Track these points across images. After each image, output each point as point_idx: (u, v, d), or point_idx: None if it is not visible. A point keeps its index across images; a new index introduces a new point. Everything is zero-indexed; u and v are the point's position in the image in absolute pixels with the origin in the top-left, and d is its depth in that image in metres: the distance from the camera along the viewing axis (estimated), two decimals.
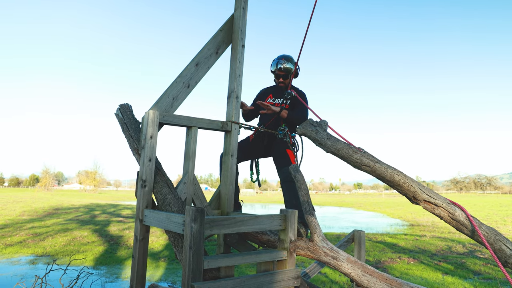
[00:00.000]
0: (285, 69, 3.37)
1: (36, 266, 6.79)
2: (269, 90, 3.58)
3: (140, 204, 2.49)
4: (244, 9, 3.07)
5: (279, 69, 3.38)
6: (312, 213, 2.67)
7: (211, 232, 2.05)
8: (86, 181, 72.08)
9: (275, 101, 3.44)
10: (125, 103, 2.98)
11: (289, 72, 3.39)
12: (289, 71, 3.38)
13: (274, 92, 3.52)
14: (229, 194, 2.91)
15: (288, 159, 3.15)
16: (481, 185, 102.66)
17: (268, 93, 3.55)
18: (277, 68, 3.38)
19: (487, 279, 6.10)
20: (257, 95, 3.63)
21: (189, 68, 2.78)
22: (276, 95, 3.47)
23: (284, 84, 3.44)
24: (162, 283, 5.91)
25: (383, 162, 1.96)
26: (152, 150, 2.52)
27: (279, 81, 3.44)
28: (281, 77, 3.41)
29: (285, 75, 3.39)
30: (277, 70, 3.39)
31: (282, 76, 3.40)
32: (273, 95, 3.49)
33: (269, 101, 3.47)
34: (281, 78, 3.42)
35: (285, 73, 3.38)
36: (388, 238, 10.69)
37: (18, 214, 14.91)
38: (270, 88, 3.61)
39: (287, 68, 3.37)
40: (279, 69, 3.38)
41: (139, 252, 2.48)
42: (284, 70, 3.37)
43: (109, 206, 21.06)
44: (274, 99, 3.45)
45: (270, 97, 3.49)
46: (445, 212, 1.93)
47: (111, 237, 9.85)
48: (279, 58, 3.43)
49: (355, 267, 2.46)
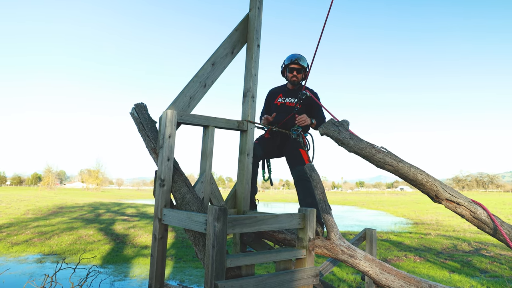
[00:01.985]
0: (301, 64, 3.36)
1: (44, 265, 6.83)
2: (279, 90, 3.58)
3: (159, 203, 2.51)
4: (260, 9, 3.08)
5: (294, 61, 3.35)
6: (328, 211, 2.69)
7: (233, 231, 2.07)
8: (88, 179, 72.22)
9: (286, 100, 3.44)
10: (140, 102, 2.99)
11: (303, 68, 3.38)
12: (303, 67, 3.38)
13: (284, 91, 3.52)
14: (245, 193, 2.92)
15: (302, 159, 3.17)
16: (483, 184, 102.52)
17: (278, 92, 3.55)
18: (293, 61, 3.36)
19: (494, 277, 6.11)
20: (267, 96, 3.63)
21: (205, 67, 2.79)
22: (286, 95, 3.47)
23: (297, 78, 3.41)
24: (171, 281, 5.94)
25: (406, 161, 1.97)
26: (170, 150, 2.53)
27: (292, 75, 3.40)
28: (295, 71, 3.38)
29: (299, 69, 3.37)
30: (292, 63, 3.36)
31: (296, 70, 3.37)
32: (283, 95, 3.49)
33: (280, 100, 3.47)
34: (295, 72, 3.38)
35: (299, 67, 3.37)
36: (393, 236, 10.70)
37: (22, 213, 14.98)
38: (279, 87, 3.61)
39: (303, 65, 3.37)
40: (294, 61, 3.35)
41: (158, 250, 2.50)
42: (300, 64, 3.36)
43: (113, 204, 21.12)
44: (285, 99, 3.45)
45: (280, 97, 3.49)
46: (466, 211, 1.94)
47: (117, 235, 9.89)
48: (294, 54, 3.44)
49: (373, 265, 2.47)
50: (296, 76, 3.40)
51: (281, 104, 3.44)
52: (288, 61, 3.41)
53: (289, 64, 3.40)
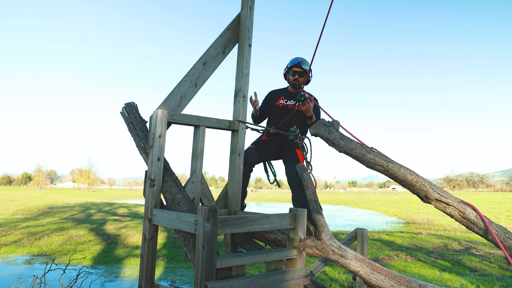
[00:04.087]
0: (303, 68, 3.40)
1: (33, 266, 6.73)
2: (280, 92, 3.59)
3: (149, 204, 2.48)
4: (251, 8, 3.06)
5: (297, 65, 3.40)
6: (319, 211, 2.69)
7: (223, 232, 2.06)
8: (80, 179, 71.44)
9: (288, 102, 3.45)
10: (130, 101, 2.96)
11: (305, 72, 3.43)
12: (305, 70, 3.42)
13: (285, 94, 3.53)
14: (236, 193, 2.91)
15: (297, 158, 3.19)
16: (474, 183, 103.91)
17: (279, 94, 3.56)
18: (295, 64, 3.40)
19: (483, 276, 6.19)
20: (267, 96, 3.63)
21: (196, 67, 2.77)
22: (288, 97, 3.50)
23: (298, 82, 3.45)
24: (162, 282, 5.89)
25: (396, 162, 1.98)
26: (160, 149, 2.51)
27: (293, 78, 3.44)
28: (297, 74, 3.42)
29: (301, 72, 3.42)
30: (295, 66, 3.41)
31: (299, 73, 3.41)
32: (284, 97, 3.51)
33: (281, 102, 3.48)
34: (297, 75, 3.42)
35: (301, 71, 3.41)
36: (385, 235, 10.78)
37: (12, 213, 14.75)
38: (280, 90, 3.62)
39: (305, 68, 3.41)
40: (297, 65, 3.40)
41: (148, 251, 2.47)
42: (302, 68, 3.40)
43: (104, 204, 20.91)
44: (287, 101, 3.47)
45: (282, 99, 3.50)
46: (456, 211, 1.96)
47: (108, 236, 9.80)
48: (297, 57, 3.48)
49: (364, 265, 2.48)
50: (297, 80, 3.44)
51: (283, 106, 3.46)
52: (291, 64, 3.45)
53: (292, 67, 3.44)
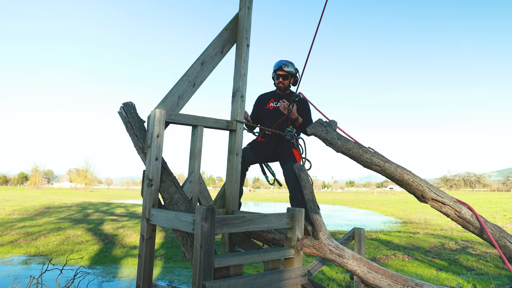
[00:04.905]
0: (286, 70, 3.47)
1: (30, 266, 6.70)
2: (269, 95, 3.64)
3: (147, 203, 2.49)
4: (249, 8, 3.07)
5: (280, 68, 3.47)
6: (317, 211, 2.70)
7: (221, 231, 2.06)
8: (77, 179, 71.14)
9: (278, 104, 3.48)
10: (128, 101, 2.96)
11: (290, 74, 3.48)
12: (289, 73, 3.48)
13: (275, 96, 3.59)
14: (234, 193, 2.92)
15: (294, 158, 3.21)
16: (471, 183, 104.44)
17: (269, 97, 3.61)
18: (278, 68, 3.48)
19: (479, 275, 6.23)
20: (257, 101, 3.69)
21: (194, 67, 2.78)
22: (278, 99, 3.54)
23: (283, 85, 3.51)
24: (160, 282, 5.89)
25: (393, 161, 1.99)
26: (158, 149, 2.51)
27: (278, 81, 3.51)
28: (281, 77, 3.49)
29: (284, 75, 3.48)
30: (278, 69, 3.48)
31: (282, 76, 3.48)
32: (274, 99, 3.56)
33: (272, 105, 3.52)
34: (281, 78, 3.49)
35: (285, 74, 3.47)
36: (382, 235, 10.82)
37: (8, 213, 14.67)
38: (269, 93, 3.67)
39: (288, 71, 3.47)
40: (279, 68, 3.47)
41: (146, 251, 2.47)
42: (285, 70, 3.47)
43: (101, 204, 20.85)
44: (277, 103, 3.51)
45: (272, 102, 3.55)
46: (451, 210, 1.97)
47: (106, 236, 9.77)
48: (282, 60, 3.56)
49: (361, 264, 2.49)
50: (282, 83, 3.51)
51: (274, 108, 3.51)
52: (274, 68, 3.52)
53: (276, 70, 3.51)
